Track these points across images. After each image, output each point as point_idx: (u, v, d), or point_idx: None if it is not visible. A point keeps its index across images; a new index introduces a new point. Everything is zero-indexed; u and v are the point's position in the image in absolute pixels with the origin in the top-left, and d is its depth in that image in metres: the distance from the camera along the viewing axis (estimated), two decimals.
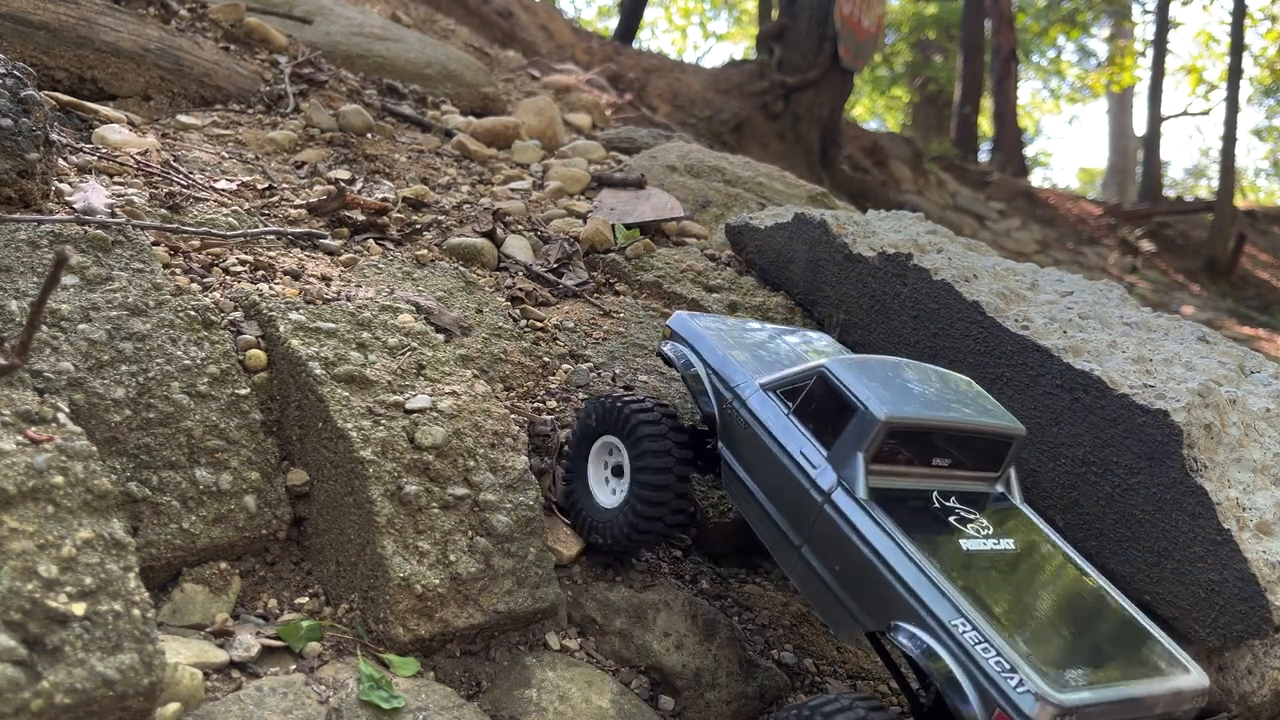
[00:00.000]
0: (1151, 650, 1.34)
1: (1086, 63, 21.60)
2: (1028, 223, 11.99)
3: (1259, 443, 1.96)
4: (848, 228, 2.54)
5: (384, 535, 1.51)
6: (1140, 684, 1.24)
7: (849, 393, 1.43)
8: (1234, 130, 12.54)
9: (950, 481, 1.50)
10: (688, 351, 1.76)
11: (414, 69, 4.12)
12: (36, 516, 1.18)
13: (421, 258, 2.37)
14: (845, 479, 1.41)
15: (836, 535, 1.40)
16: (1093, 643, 1.30)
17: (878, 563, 1.33)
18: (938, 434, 1.46)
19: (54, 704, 1.08)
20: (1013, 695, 1.15)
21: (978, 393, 1.61)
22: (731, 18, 20.75)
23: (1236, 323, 10.17)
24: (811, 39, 8.22)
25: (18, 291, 1.57)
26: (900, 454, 1.43)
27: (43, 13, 2.68)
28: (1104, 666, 1.25)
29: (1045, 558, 1.46)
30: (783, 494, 1.50)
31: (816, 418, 1.48)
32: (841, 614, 1.39)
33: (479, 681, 1.53)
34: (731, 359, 1.69)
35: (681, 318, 1.86)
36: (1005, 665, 1.18)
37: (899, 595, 1.30)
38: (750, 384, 1.62)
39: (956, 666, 1.21)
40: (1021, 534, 1.48)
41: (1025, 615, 1.28)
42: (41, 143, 1.85)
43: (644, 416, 1.71)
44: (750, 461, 1.58)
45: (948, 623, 1.23)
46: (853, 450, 1.40)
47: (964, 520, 1.43)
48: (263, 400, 1.70)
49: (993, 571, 1.34)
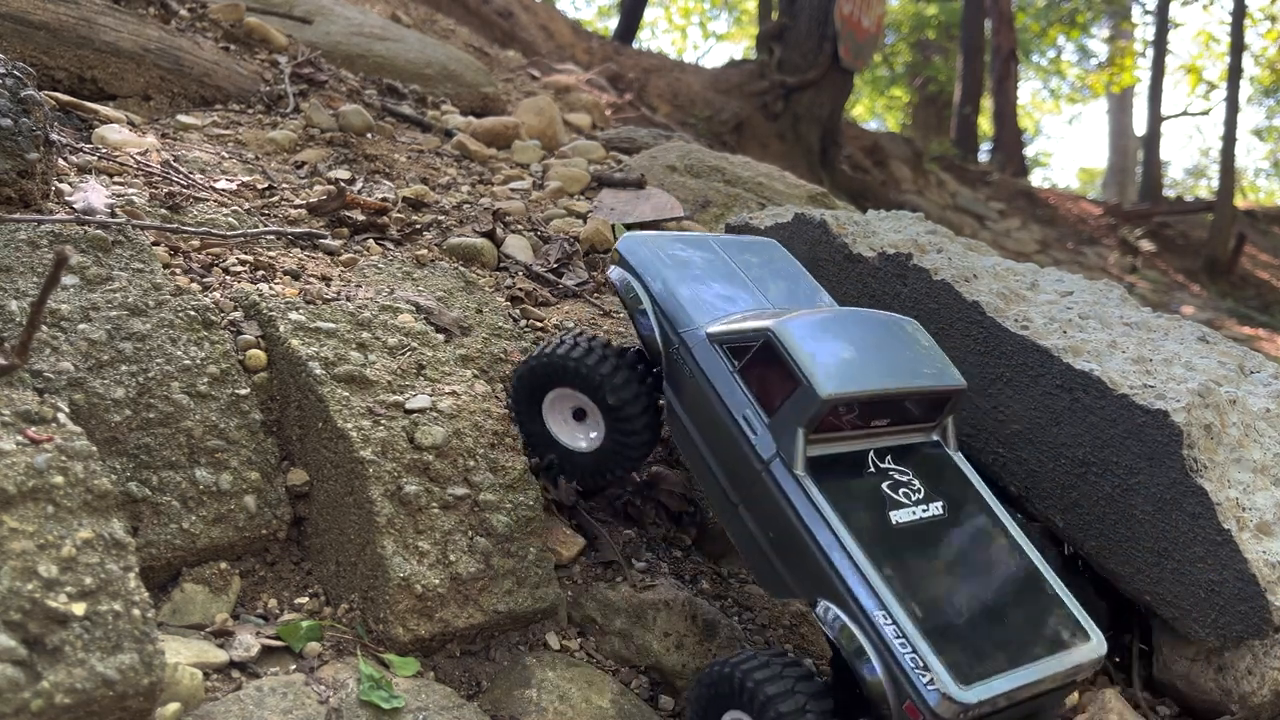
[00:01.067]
0: (1059, 621, 1.43)
1: (1086, 63, 21.61)
2: (1028, 223, 12.00)
3: (1259, 443, 1.96)
4: (848, 228, 2.54)
5: (384, 535, 1.51)
6: (1042, 664, 1.35)
7: (793, 363, 1.43)
8: (1234, 130, 12.55)
9: (888, 438, 1.53)
10: (634, 283, 1.70)
11: (414, 69, 4.12)
12: (36, 516, 1.18)
13: (421, 258, 2.37)
14: (784, 451, 1.42)
15: (772, 505, 1.43)
16: (1006, 620, 1.39)
17: (809, 541, 1.38)
18: (880, 401, 1.49)
19: (54, 704, 1.08)
20: (923, 692, 1.26)
21: (923, 347, 1.60)
22: (731, 18, 20.76)
23: (1236, 323, 10.17)
24: (811, 39, 8.22)
25: (18, 291, 1.57)
26: (841, 420, 1.46)
27: (43, 13, 2.68)
28: (1012, 649, 1.34)
29: (970, 519, 1.51)
30: (723, 451, 1.51)
31: (760, 381, 1.48)
32: (775, 579, 1.46)
33: (479, 681, 1.53)
34: (679, 299, 1.64)
35: (631, 242, 1.76)
36: (919, 663, 1.27)
37: (827, 577, 1.36)
38: (697, 332, 1.58)
39: (875, 656, 1.30)
40: (950, 491, 1.53)
41: (944, 596, 1.36)
42: (41, 143, 1.85)
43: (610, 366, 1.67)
44: (693, 409, 1.57)
45: (870, 613, 1.31)
46: (793, 424, 1.42)
47: (897, 486, 1.48)
48: (263, 400, 1.70)
49: (919, 548, 1.42)
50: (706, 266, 1.76)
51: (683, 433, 1.60)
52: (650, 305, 1.67)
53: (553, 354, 1.70)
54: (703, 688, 1.43)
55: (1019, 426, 2.06)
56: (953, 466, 1.59)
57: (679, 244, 1.81)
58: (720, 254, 1.83)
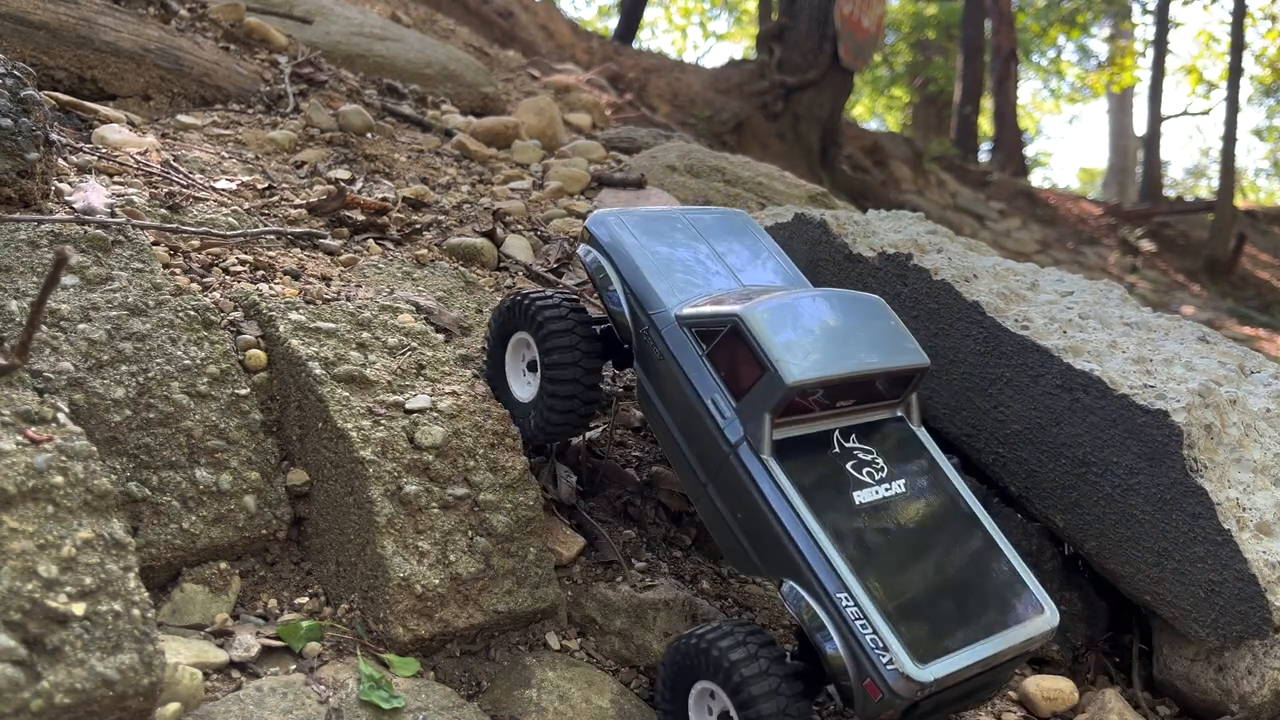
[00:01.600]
0: (1014, 595, 1.49)
1: (1086, 63, 21.60)
2: (1028, 223, 12.00)
3: (1259, 443, 1.96)
4: (848, 228, 2.54)
5: (384, 535, 1.51)
6: (996, 639, 1.41)
7: (760, 350, 1.46)
8: (1234, 130, 12.55)
9: (853, 417, 1.57)
10: (604, 262, 1.72)
11: (414, 69, 4.12)
12: (36, 516, 1.18)
13: (421, 258, 2.37)
14: (750, 435, 1.46)
15: (740, 487, 1.47)
16: (962, 596, 1.44)
17: (774, 523, 1.43)
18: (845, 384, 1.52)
19: (54, 704, 1.08)
20: (883, 671, 1.31)
21: (889, 324, 1.63)
22: (731, 18, 20.75)
23: (1236, 323, 10.17)
24: (811, 39, 8.22)
25: (18, 291, 1.57)
26: (807, 403, 1.50)
27: (43, 13, 2.68)
28: (967, 623, 1.40)
29: (930, 495, 1.56)
30: (693, 433, 1.55)
31: (728, 366, 1.51)
32: (743, 557, 1.50)
33: (479, 681, 1.53)
34: (649, 281, 1.65)
35: (600, 220, 1.77)
36: (879, 644, 1.32)
37: (791, 558, 1.41)
38: (667, 315, 1.61)
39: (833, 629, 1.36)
40: (912, 468, 1.57)
41: (904, 576, 1.41)
42: (41, 143, 1.85)
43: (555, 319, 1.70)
44: (663, 391, 1.60)
45: (833, 594, 1.36)
46: (760, 409, 1.45)
47: (861, 466, 1.52)
48: (263, 400, 1.70)
49: (880, 527, 1.46)
50: (675, 243, 1.78)
51: (653, 411, 1.63)
52: (620, 285, 1.69)
53: (517, 298, 1.75)
54: (673, 658, 1.47)
55: (1019, 426, 2.06)
56: (915, 442, 1.63)
57: (648, 220, 1.82)
58: (689, 228, 1.84)
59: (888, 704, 1.33)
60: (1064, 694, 1.84)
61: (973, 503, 1.58)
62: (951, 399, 2.19)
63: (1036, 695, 1.83)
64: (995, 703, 1.84)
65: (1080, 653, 2.02)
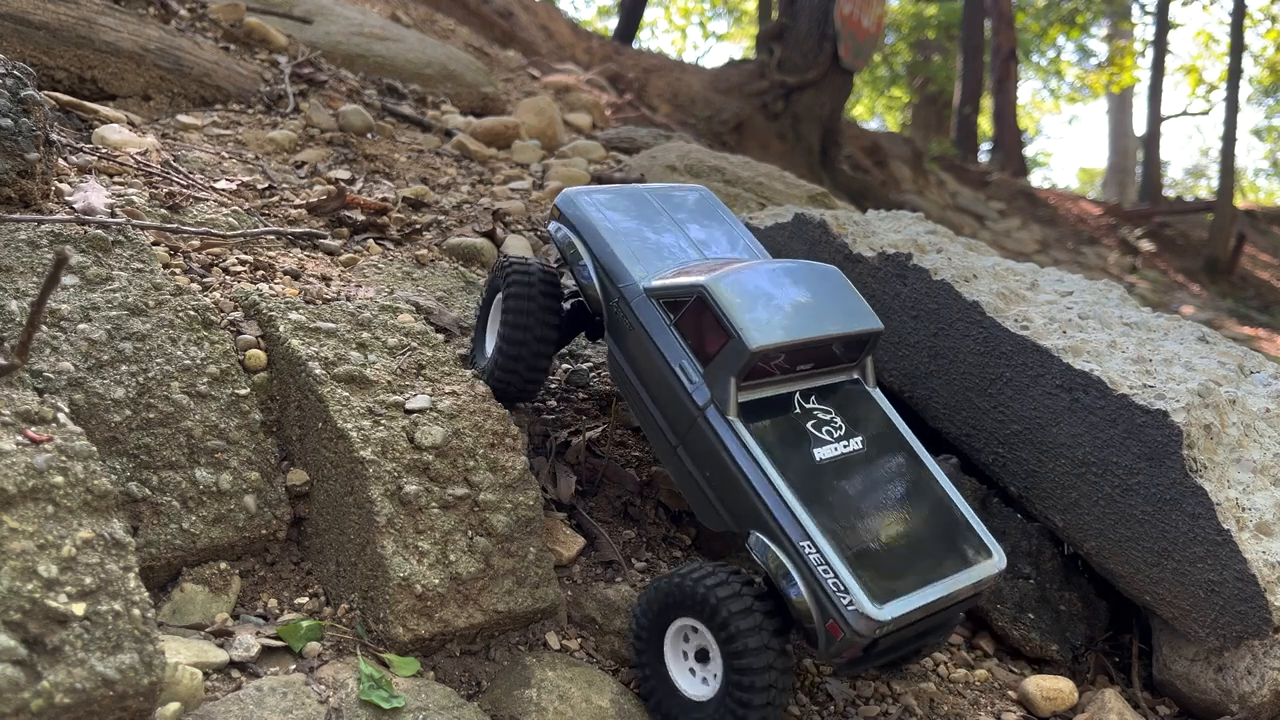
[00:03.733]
0: (964, 540, 1.58)
1: (1086, 63, 21.60)
2: (1028, 223, 11.99)
3: (1259, 443, 1.96)
4: (848, 228, 2.54)
5: (384, 535, 1.51)
6: (949, 580, 1.50)
7: (724, 318, 1.54)
8: (1234, 130, 12.55)
9: (811, 380, 1.67)
10: (574, 238, 1.80)
11: (414, 69, 4.12)
12: (36, 516, 1.18)
13: (421, 258, 2.37)
14: (718, 399, 1.55)
15: (708, 447, 1.56)
16: (917, 543, 1.53)
17: (741, 479, 1.52)
18: (805, 348, 1.61)
19: (54, 704, 1.08)
20: (843, 611, 1.40)
21: (845, 291, 1.73)
22: (731, 18, 20.75)
23: (1236, 323, 10.17)
24: (811, 39, 8.21)
25: (18, 291, 1.57)
26: (769, 367, 1.58)
27: (43, 13, 2.68)
28: (921, 567, 1.49)
29: (885, 451, 1.65)
30: (663, 398, 1.64)
31: (695, 334, 1.59)
32: (711, 512, 1.59)
33: (479, 681, 1.53)
34: (618, 256, 1.74)
35: (570, 199, 1.86)
36: (840, 586, 1.41)
37: (757, 511, 1.50)
38: (635, 287, 1.69)
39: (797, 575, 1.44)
40: (868, 426, 1.67)
41: (862, 524, 1.50)
42: (41, 143, 1.85)
43: (519, 280, 1.80)
44: (635, 360, 1.69)
45: (796, 543, 1.45)
46: (725, 374, 1.54)
47: (820, 425, 1.61)
48: (263, 400, 1.70)
49: (839, 481, 1.55)
50: (642, 219, 1.87)
51: (625, 379, 1.71)
52: (589, 259, 1.77)
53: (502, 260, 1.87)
54: (653, 596, 1.53)
55: (1019, 426, 2.06)
56: (871, 402, 1.72)
57: (615, 197, 1.91)
58: (654, 204, 1.93)
59: (849, 642, 1.40)
60: (1064, 694, 1.84)
61: (924, 456, 1.68)
62: (951, 399, 2.19)
63: (1036, 695, 1.83)
64: (995, 702, 1.84)
65: (1080, 653, 2.02)
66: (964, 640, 2.01)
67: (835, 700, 1.73)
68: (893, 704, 1.75)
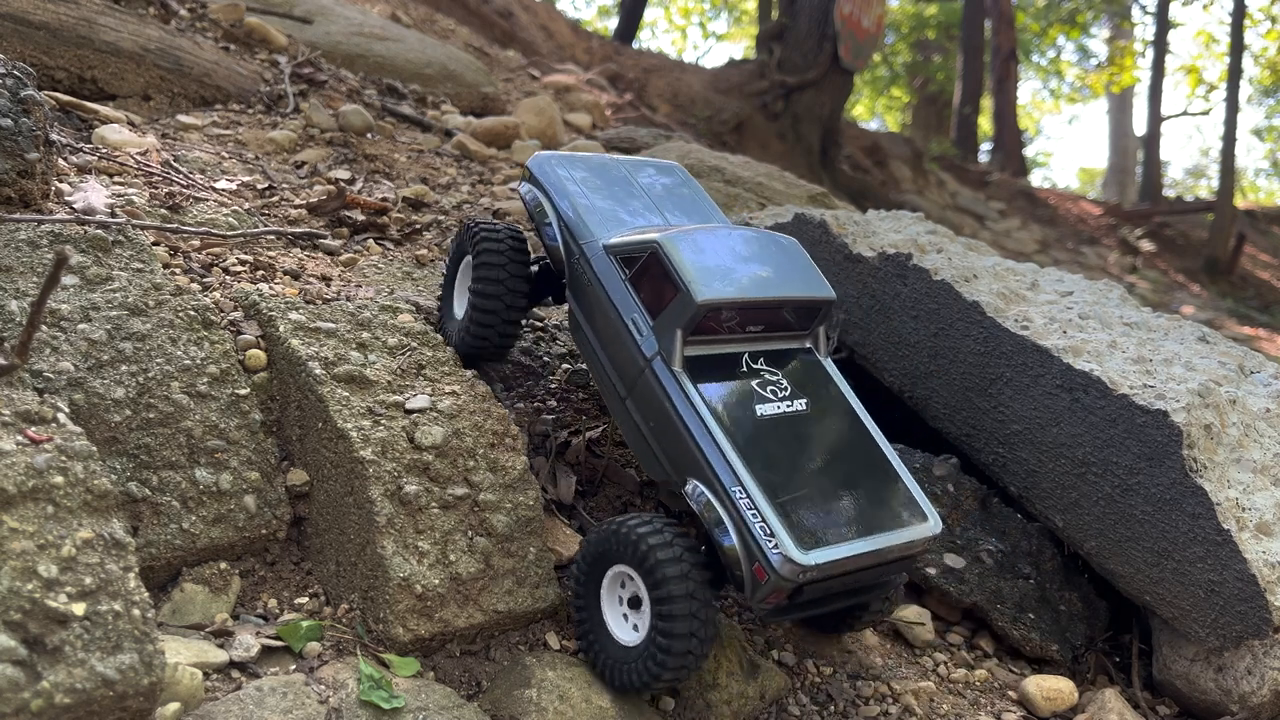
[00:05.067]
0: (899, 502, 1.59)
1: (1086, 63, 21.60)
2: (1028, 223, 11.99)
3: (1259, 443, 1.96)
4: (848, 228, 2.54)
5: (384, 535, 1.51)
6: (879, 537, 1.51)
7: (675, 273, 1.59)
8: (1234, 130, 12.54)
9: (761, 343, 1.70)
10: (541, 198, 1.86)
11: (414, 69, 4.12)
12: (36, 516, 1.18)
13: (421, 258, 2.37)
14: (664, 350, 1.59)
15: (653, 397, 1.60)
16: (850, 500, 1.55)
17: (682, 429, 1.55)
18: (753, 307, 1.64)
19: (54, 704, 1.08)
20: (769, 554, 1.42)
21: (799, 261, 1.76)
22: (731, 18, 20.75)
23: (1236, 323, 10.17)
24: (811, 39, 8.21)
25: (18, 291, 1.57)
26: (718, 324, 1.62)
27: (43, 13, 2.68)
28: (853, 523, 1.51)
29: (830, 414, 1.68)
30: (615, 351, 1.68)
31: (647, 289, 1.64)
32: (653, 461, 1.63)
33: (479, 681, 1.53)
34: (582, 215, 1.79)
35: (540, 161, 1.92)
36: (767, 530, 1.43)
37: (695, 458, 1.53)
38: (595, 244, 1.74)
39: (729, 522, 1.47)
40: (815, 391, 1.69)
41: (796, 477, 1.52)
42: (41, 143, 1.85)
43: (489, 241, 1.84)
44: (591, 315, 1.74)
45: (728, 488, 1.48)
46: (673, 326, 1.58)
47: (766, 384, 1.64)
48: (263, 400, 1.70)
49: (779, 436, 1.58)
50: (610, 186, 1.92)
51: (582, 335, 1.76)
52: (555, 219, 1.82)
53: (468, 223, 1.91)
54: (593, 542, 1.57)
55: (1019, 426, 2.06)
56: (821, 370, 1.74)
57: (586, 164, 1.96)
58: (624, 174, 1.98)
59: (773, 586, 1.43)
60: (1064, 694, 1.84)
61: (869, 424, 1.70)
62: (951, 399, 2.19)
63: (1036, 695, 1.83)
64: (995, 702, 1.84)
65: (1080, 653, 2.02)
66: (964, 640, 2.01)
67: (835, 700, 1.73)
68: (893, 704, 1.75)
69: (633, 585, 1.53)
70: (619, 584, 1.56)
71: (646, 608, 1.49)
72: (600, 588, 1.57)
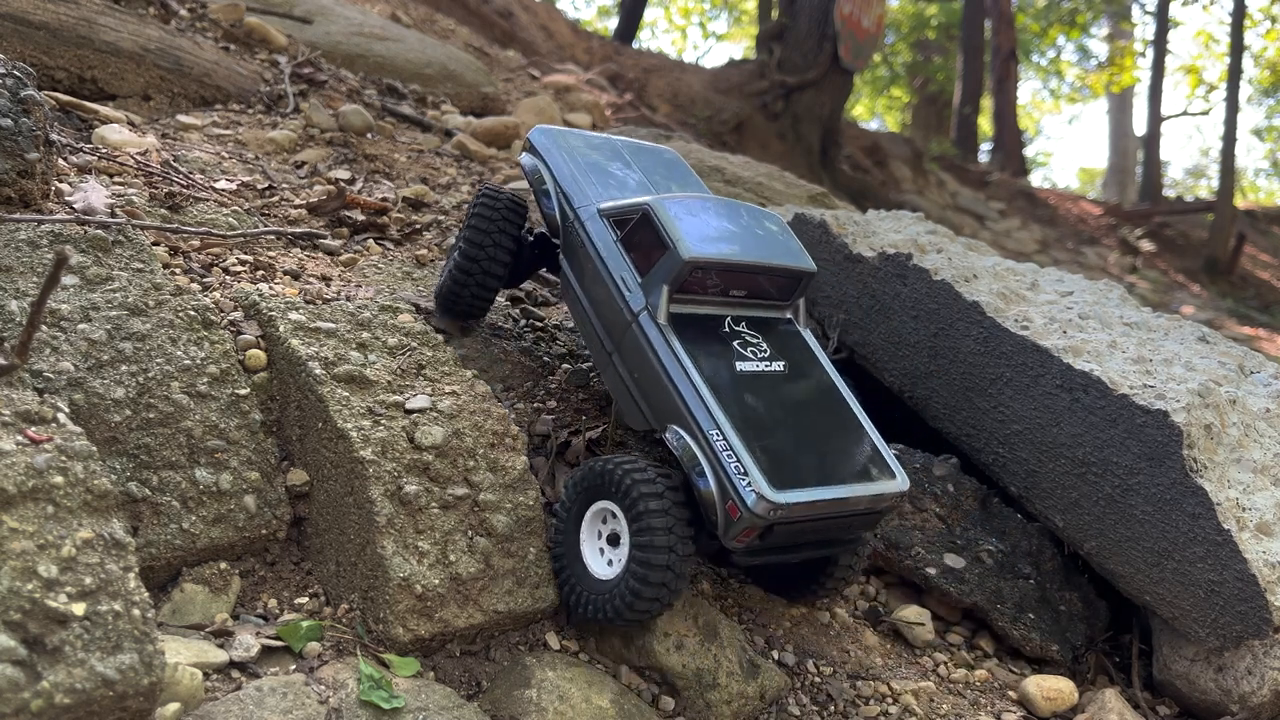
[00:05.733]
0: (869, 459, 1.65)
1: (1086, 63, 21.60)
2: (1028, 223, 11.99)
3: (1259, 443, 1.96)
4: (848, 228, 2.54)
5: (384, 535, 1.51)
6: (847, 487, 1.57)
7: (664, 231, 1.68)
8: (1234, 130, 12.54)
9: (743, 309, 1.78)
10: (541, 167, 1.95)
11: (414, 69, 4.12)
12: (36, 516, 1.18)
13: (421, 258, 2.37)
14: (651, 305, 1.67)
15: (638, 350, 1.68)
16: (821, 451, 1.61)
17: (665, 378, 1.63)
18: (736, 270, 1.72)
19: (54, 704, 1.08)
20: (741, 492, 1.48)
21: (783, 234, 1.85)
22: (731, 18, 20.75)
23: (1236, 323, 10.17)
24: (811, 39, 8.21)
25: (18, 291, 1.57)
26: (703, 285, 1.70)
27: (43, 13, 2.68)
28: (823, 471, 1.57)
29: (806, 377, 1.75)
30: (604, 308, 1.76)
31: (637, 248, 1.72)
32: (635, 411, 1.71)
33: (479, 681, 1.53)
34: (578, 182, 1.90)
35: (542, 133, 2.02)
36: (740, 469, 1.49)
37: (676, 405, 1.60)
38: (590, 208, 1.84)
39: (706, 464, 1.53)
40: (794, 358, 1.76)
41: (772, 427, 1.59)
42: (41, 143, 1.85)
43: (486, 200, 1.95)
44: (582, 275, 1.82)
45: (706, 431, 1.55)
46: (660, 282, 1.66)
47: (746, 344, 1.72)
48: (263, 400, 1.70)
49: (756, 390, 1.65)
50: (609, 160, 2.02)
51: (573, 296, 1.84)
52: (553, 187, 1.92)
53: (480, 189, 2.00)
54: (581, 476, 1.63)
55: (1019, 426, 2.06)
56: (799, 338, 1.82)
57: (586, 139, 2.07)
58: (622, 152, 2.09)
59: (745, 522, 1.48)
60: (1064, 694, 1.84)
61: (845, 392, 1.76)
62: (951, 399, 2.19)
63: (1036, 695, 1.83)
64: (995, 702, 1.84)
65: (1080, 653, 2.02)
66: (964, 640, 2.01)
67: (835, 700, 1.73)
68: (893, 704, 1.75)
69: (614, 522, 1.58)
70: (601, 519, 1.62)
71: (625, 543, 1.55)
72: (582, 522, 1.63)
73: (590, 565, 1.60)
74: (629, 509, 1.53)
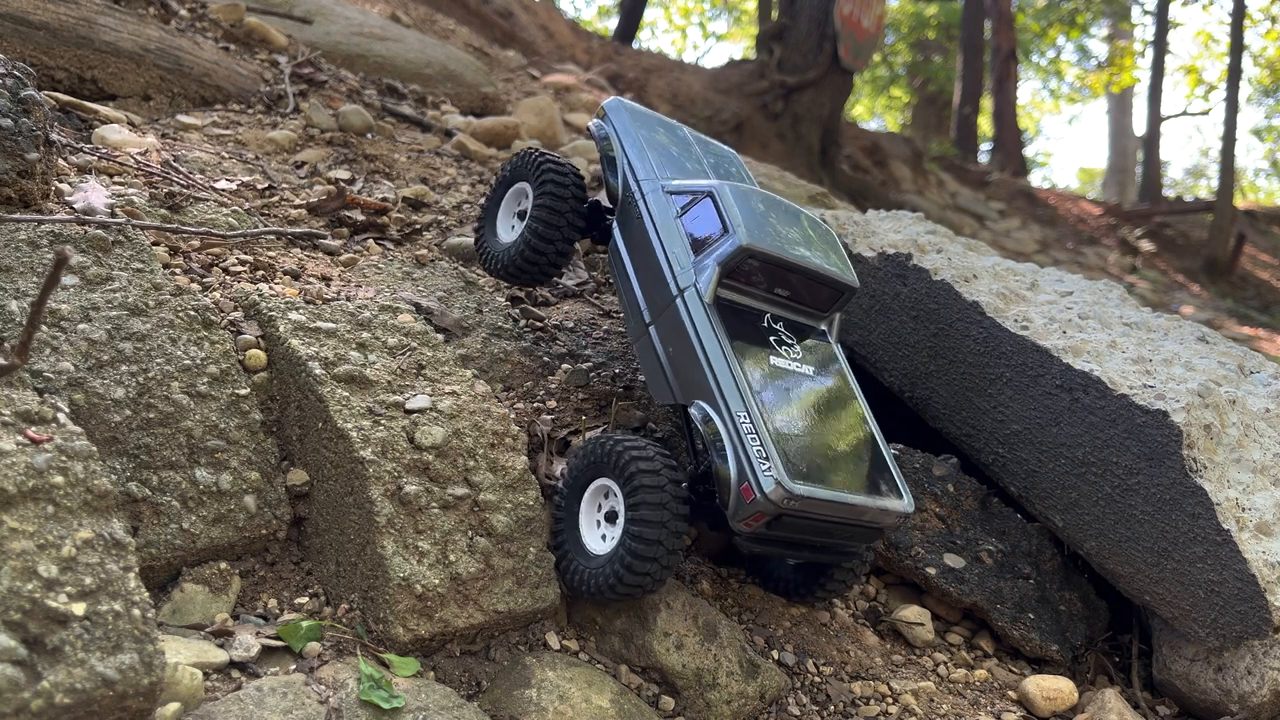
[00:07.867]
0: (881, 476, 1.69)
1: (1086, 63, 21.60)
2: (1028, 223, 12.00)
3: (1259, 443, 1.96)
4: (848, 228, 2.54)
5: (384, 535, 1.51)
6: (859, 495, 1.60)
7: (726, 215, 1.74)
8: (1234, 130, 12.55)
9: (784, 309, 1.83)
10: (612, 135, 2.03)
11: (414, 69, 4.12)
12: (36, 516, 1.18)
13: (421, 258, 2.37)
14: (699, 283, 1.72)
15: (678, 324, 1.73)
16: (838, 457, 1.65)
17: (700, 354, 1.67)
18: (785, 268, 1.77)
19: (54, 704, 1.08)
20: (760, 475, 1.51)
21: (835, 246, 1.91)
22: (731, 18, 20.75)
23: (1236, 323, 10.17)
24: (811, 39, 8.22)
25: (18, 291, 1.57)
26: (750, 277, 1.75)
27: (43, 13, 2.68)
28: (837, 475, 1.60)
29: (834, 388, 1.79)
30: (650, 279, 1.81)
31: (696, 227, 1.78)
32: (663, 385, 1.74)
33: (479, 681, 1.53)
34: (646, 156, 1.96)
35: (617, 105, 2.09)
36: (763, 455, 1.52)
37: (707, 383, 1.64)
38: (654, 183, 1.90)
39: (728, 444, 1.56)
40: (824, 365, 1.81)
41: (796, 423, 1.63)
42: (41, 143, 1.85)
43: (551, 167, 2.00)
44: (634, 246, 1.88)
45: (734, 411, 1.58)
46: (712, 262, 1.71)
47: (781, 343, 1.77)
48: (263, 400, 1.70)
49: (787, 386, 1.69)
50: (674, 142, 2.10)
51: (620, 267, 1.90)
52: (621, 156, 1.98)
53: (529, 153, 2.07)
54: (585, 452, 1.67)
55: (1019, 426, 2.06)
56: (831, 351, 1.87)
57: (658, 118, 2.15)
58: (689, 139, 2.17)
59: (758, 506, 1.51)
60: (1064, 694, 1.84)
61: (866, 411, 1.80)
62: (951, 399, 2.19)
63: (1036, 695, 1.83)
64: (995, 703, 1.84)
65: (1080, 653, 2.02)
66: (964, 640, 2.01)
67: (835, 700, 1.73)
68: (892, 704, 1.75)
69: (613, 500, 1.61)
70: (600, 495, 1.65)
71: (621, 520, 1.58)
72: (582, 498, 1.67)
73: (586, 541, 1.64)
74: (626, 485, 1.57)
